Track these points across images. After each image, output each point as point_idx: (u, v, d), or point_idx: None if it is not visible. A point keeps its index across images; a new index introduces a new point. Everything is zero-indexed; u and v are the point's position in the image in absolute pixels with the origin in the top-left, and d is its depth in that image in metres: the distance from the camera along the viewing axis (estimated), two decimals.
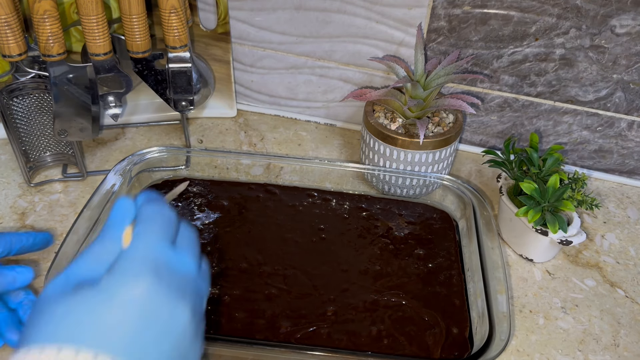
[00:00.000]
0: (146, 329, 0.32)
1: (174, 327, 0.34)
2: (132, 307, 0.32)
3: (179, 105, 0.68)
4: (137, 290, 0.33)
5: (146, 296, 0.33)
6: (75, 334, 0.31)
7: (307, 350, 0.48)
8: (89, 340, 0.30)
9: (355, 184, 0.69)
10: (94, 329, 0.31)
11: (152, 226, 0.36)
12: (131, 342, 0.32)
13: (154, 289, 0.33)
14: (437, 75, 0.65)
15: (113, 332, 0.31)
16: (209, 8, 0.74)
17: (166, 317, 0.33)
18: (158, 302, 0.33)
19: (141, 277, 0.33)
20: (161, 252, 0.35)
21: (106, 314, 0.32)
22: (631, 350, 0.55)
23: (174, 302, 0.34)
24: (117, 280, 0.33)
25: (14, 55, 0.57)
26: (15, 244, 0.52)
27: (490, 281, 0.54)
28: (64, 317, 0.31)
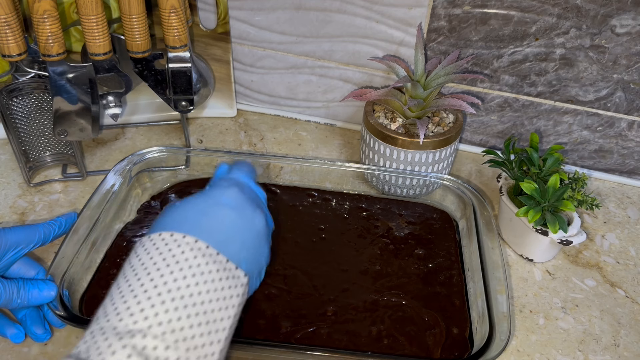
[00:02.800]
0: (235, 222, 0.44)
1: (254, 226, 0.46)
2: (225, 204, 0.45)
3: (178, 105, 0.68)
4: (229, 192, 0.46)
5: (234, 199, 0.46)
6: (183, 223, 0.43)
7: (307, 350, 0.48)
8: (193, 229, 0.42)
9: (355, 184, 0.69)
10: (198, 220, 0.43)
11: (240, 167, 0.52)
12: (224, 230, 0.43)
13: (240, 196, 0.46)
14: (437, 75, 0.65)
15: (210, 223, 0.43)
16: (209, 8, 0.74)
17: (249, 217, 0.46)
18: (243, 205, 0.46)
19: (231, 188, 0.47)
20: (244, 179, 0.50)
21: (205, 209, 0.44)
22: (631, 350, 0.55)
23: (254, 208, 0.47)
24: (214, 189, 0.47)
25: (13, 55, 0.57)
26: (49, 234, 0.55)
27: (491, 281, 0.54)
28: (178, 213, 0.44)
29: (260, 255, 0.47)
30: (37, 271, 0.53)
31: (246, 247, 0.45)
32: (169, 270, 0.39)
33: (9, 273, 0.53)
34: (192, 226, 0.42)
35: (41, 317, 0.52)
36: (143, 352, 0.35)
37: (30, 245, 0.53)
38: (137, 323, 0.36)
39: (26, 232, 0.53)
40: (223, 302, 0.40)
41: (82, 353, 0.35)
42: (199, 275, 0.40)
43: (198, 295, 0.39)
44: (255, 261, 0.46)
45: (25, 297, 0.48)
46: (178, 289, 0.38)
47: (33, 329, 0.51)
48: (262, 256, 0.48)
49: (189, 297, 0.38)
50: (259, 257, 0.47)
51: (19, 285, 0.48)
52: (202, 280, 0.40)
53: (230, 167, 0.52)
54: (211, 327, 0.39)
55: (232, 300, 0.41)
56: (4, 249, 0.50)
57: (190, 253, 0.41)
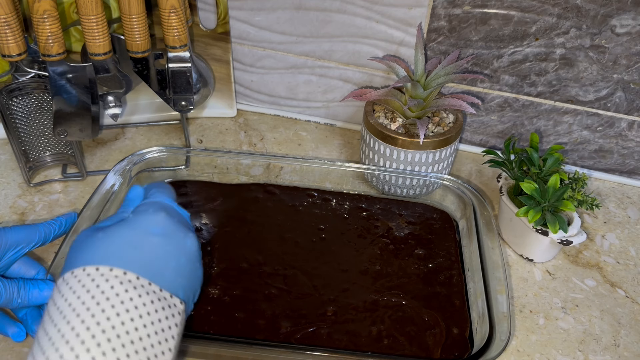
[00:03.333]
0: (166, 249, 0.42)
1: (186, 250, 0.44)
2: (154, 232, 0.43)
3: (178, 105, 0.68)
4: (157, 219, 0.44)
5: (164, 224, 0.44)
6: (109, 255, 0.40)
7: (307, 350, 0.48)
8: (120, 260, 0.39)
9: (355, 184, 0.69)
10: (125, 252, 0.40)
11: (159, 189, 0.49)
12: (155, 259, 0.41)
13: (169, 220, 0.44)
14: (437, 75, 0.65)
15: (139, 253, 0.41)
16: (208, 8, 0.74)
17: (181, 241, 0.44)
18: (173, 229, 0.44)
19: (158, 212, 0.45)
20: (168, 202, 0.47)
21: (133, 238, 0.42)
22: (631, 351, 0.55)
23: (185, 232, 0.45)
24: (140, 216, 0.44)
25: (13, 55, 0.57)
26: (49, 234, 0.55)
27: (491, 281, 0.54)
28: (103, 245, 0.41)
29: (195, 278, 0.45)
30: (37, 271, 0.53)
31: (181, 273, 0.43)
32: (99, 308, 0.36)
33: (9, 272, 0.53)
34: (119, 258, 0.40)
35: (42, 315, 0.52)
36: None
37: (30, 244, 0.53)
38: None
39: (26, 232, 0.53)
40: (162, 335, 0.38)
41: None
42: (133, 309, 0.37)
43: (135, 332, 0.37)
44: (191, 285, 0.45)
45: (25, 296, 0.48)
46: (113, 327, 0.36)
47: (34, 328, 0.51)
48: (197, 278, 0.46)
49: (126, 334, 0.36)
50: (194, 280, 0.45)
51: (19, 285, 0.48)
52: (136, 314, 0.37)
53: (146, 189, 0.50)
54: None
55: (171, 331, 0.39)
56: (4, 248, 0.50)
57: (120, 287, 0.38)
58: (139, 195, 0.50)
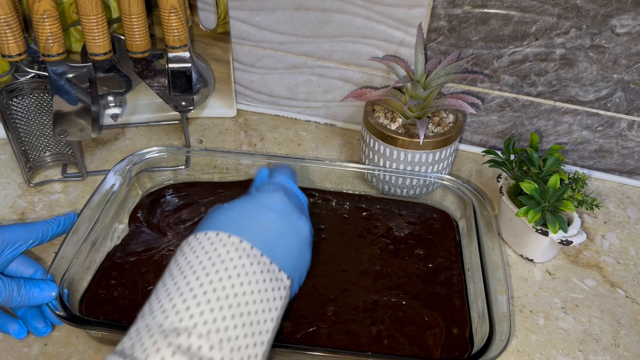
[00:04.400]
0: (280, 226, 0.45)
1: (298, 232, 0.47)
2: (272, 208, 0.46)
3: (178, 105, 0.68)
4: (276, 197, 0.47)
5: (281, 203, 0.47)
6: (229, 223, 0.43)
7: (307, 350, 0.48)
8: (238, 229, 0.43)
9: (355, 184, 0.69)
10: (244, 222, 0.44)
11: (283, 171, 0.52)
12: (269, 233, 0.44)
13: (286, 201, 0.47)
14: (437, 75, 0.65)
15: (256, 225, 0.44)
16: (209, 8, 0.74)
17: (294, 222, 0.46)
18: (289, 210, 0.47)
19: (277, 192, 0.47)
20: (289, 184, 0.51)
21: (252, 211, 0.45)
22: (631, 351, 0.55)
23: (299, 214, 0.47)
24: (260, 192, 0.48)
25: (13, 55, 0.57)
26: (47, 232, 0.55)
27: (491, 281, 0.54)
28: (224, 214, 0.45)
29: (302, 260, 0.48)
30: (35, 270, 0.53)
31: (290, 252, 0.45)
32: (214, 269, 0.40)
33: (7, 271, 0.53)
34: (237, 227, 0.43)
35: (41, 312, 0.52)
36: (188, 351, 0.35)
37: (28, 242, 0.53)
38: (182, 321, 0.36)
39: (24, 230, 0.53)
40: (267, 304, 0.41)
41: (126, 349, 0.36)
42: (243, 275, 0.40)
43: (242, 296, 0.39)
44: (298, 266, 0.47)
45: (25, 296, 0.48)
46: (223, 288, 0.39)
47: (34, 324, 0.51)
48: (304, 261, 0.48)
49: (234, 297, 0.39)
50: (302, 262, 0.47)
51: (19, 284, 0.48)
52: (246, 280, 0.40)
53: (271, 171, 0.53)
54: (255, 328, 0.39)
55: (275, 303, 0.42)
56: (2, 245, 0.50)
57: (235, 253, 0.41)
58: (265, 175, 0.53)
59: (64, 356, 0.51)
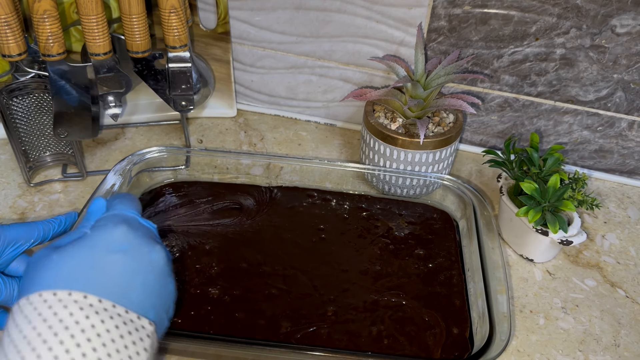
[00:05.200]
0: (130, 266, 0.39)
1: (153, 265, 0.40)
2: (115, 248, 0.39)
3: (178, 105, 0.68)
4: (117, 233, 0.40)
5: (126, 238, 0.40)
6: (66, 278, 0.36)
7: (307, 350, 0.48)
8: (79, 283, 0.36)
9: (355, 184, 0.69)
10: (83, 272, 0.37)
11: (122, 200, 0.45)
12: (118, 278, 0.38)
13: (132, 234, 0.41)
14: (437, 75, 0.65)
15: (101, 273, 0.37)
16: (209, 8, 0.74)
17: (145, 256, 0.40)
18: (137, 245, 0.40)
19: (118, 226, 0.41)
20: (131, 214, 0.43)
21: (92, 257, 0.38)
22: (632, 351, 0.55)
23: (150, 245, 0.41)
24: (99, 231, 0.40)
25: (13, 55, 0.57)
26: (48, 232, 0.54)
27: (491, 281, 0.54)
28: (59, 266, 0.37)
29: (165, 294, 0.42)
30: None
31: (148, 291, 0.39)
32: (57, 340, 0.33)
33: (7, 271, 0.53)
34: (77, 280, 0.36)
35: None
36: None
37: (29, 241, 0.52)
38: None
39: (25, 229, 0.52)
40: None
41: None
42: (95, 338, 0.34)
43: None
44: (161, 303, 0.41)
45: None
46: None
47: None
48: (167, 294, 0.43)
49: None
50: (165, 296, 0.42)
51: (20, 284, 0.48)
52: (99, 343, 0.34)
53: (108, 202, 0.46)
54: None
55: (140, 358, 0.36)
56: (3, 244, 0.50)
57: (80, 313, 0.35)
58: (101, 208, 0.45)
59: None
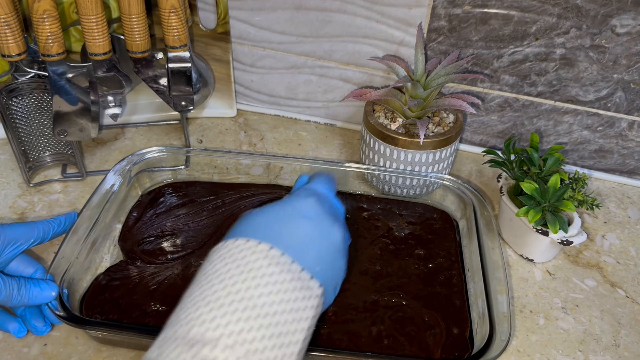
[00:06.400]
0: (311, 232, 0.44)
1: (331, 239, 0.45)
2: (303, 214, 0.45)
3: (178, 105, 0.68)
4: (306, 203, 0.46)
5: (312, 209, 0.45)
6: (259, 229, 0.43)
7: (307, 350, 0.48)
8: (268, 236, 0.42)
9: (356, 184, 0.69)
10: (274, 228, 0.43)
11: (320, 178, 0.51)
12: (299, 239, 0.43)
13: (318, 207, 0.46)
14: (437, 75, 0.65)
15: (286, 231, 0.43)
16: (208, 8, 0.74)
17: (326, 229, 0.45)
18: (320, 216, 0.45)
19: (309, 198, 0.46)
20: (323, 190, 0.49)
21: (283, 217, 0.44)
22: (632, 351, 0.55)
23: (332, 221, 0.46)
24: (292, 198, 0.47)
25: (13, 55, 0.57)
26: (48, 232, 0.54)
27: (491, 281, 0.54)
28: (254, 220, 0.44)
29: (335, 268, 0.46)
30: (35, 269, 0.53)
31: (322, 258, 0.44)
32: (242, 278, 0.39)
33: (7, 270, 0.53)
34: (267, 234, 0.42)
35: (40, 311, 0.52)
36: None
37: (29, 241, 0.53)
38: (207, 332, 0.36)
39: (25, 229, 0.53)
40: (296, 314, 0.40)
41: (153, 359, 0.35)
42: (271, 284, 0.39)
43: (270, 306, 0.38)
44: (331, 274, 0.45)
45: (25, 295, 0.48)
46: (250, 298, 0.38)
47: (33, 323, 0.51)
48: (337, 270, 0.46)
49: (261, 307, 0.38)
50: (335, 270, 0.46)
51: (19, 283, 0.48)
52: (275, 289, 0.39)
53: (310, 178, 0.52)
54: (283, 339, 0.38)
55: (306, 312, 0.40)
56: (3, 244, 0.50)
57: (264, 261, 0.40)
58: (303, 182, 0.52)
59: (64, 356, 0.51)
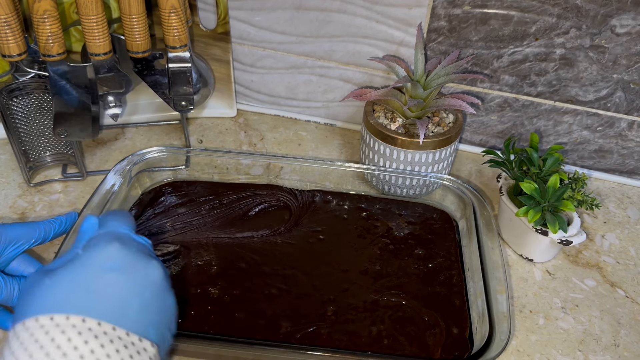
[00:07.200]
0: (126, 285, 0.37)
1: (150, 281, 0.39)
2: (109, 268, 0.37)
3: (178, 105, 0.68)
4: (109, 254, 0.38)
5: (119, 258, 0.38)
6: (62, 301, 0.34)
7: (307, 350, 0.48)
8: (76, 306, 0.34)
9: (355, 184, 0.69)
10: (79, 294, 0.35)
11: (114, 217, 0.43)
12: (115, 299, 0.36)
13: (125, 250, 0.39)
14: (437, 75, 0.65)
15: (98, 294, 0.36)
16: (209, 8, 0.74)
17: (141, 273, 0.38)
18: (131, 261, 0.38)
19: (111, 243, 0.39)
20: (122, 230, 0.42)
21: (87, 282, 0.36)
22: (631, 351, 0.55)
23: (145, 260, 0.39)
24: (91, 251, 0.38)
25: (13, 55, 0.57)
26: (49, 232, 0.54)
27: (491, 281, 0.54)
28: (52, 289, 0.35)
29: (166, 310, 0.40)
30: (36, 268, 0.53)
31: (148, 308, 0.38)
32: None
33: (8, 270, 0.53)
34: (74, 303, 0.34)
35: None
36: None
37: (30, 241, 0.53)
38: None
39: (26, 229, 0.53)
40: None
41: None
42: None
43: None
44: (163, 320, 0.39)
45: None
46: None
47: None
48: (168, 310, 0.40)
49: None
50: (165, 312, 0.40)
51: (20, 283, 0.48)
52: None
53: (100, 219, 0.44)
54: None
55: None
56: (4, 243, 0.50)
57: (79, 338, 0.33)
58: (93, 226, 0.43)
59: None
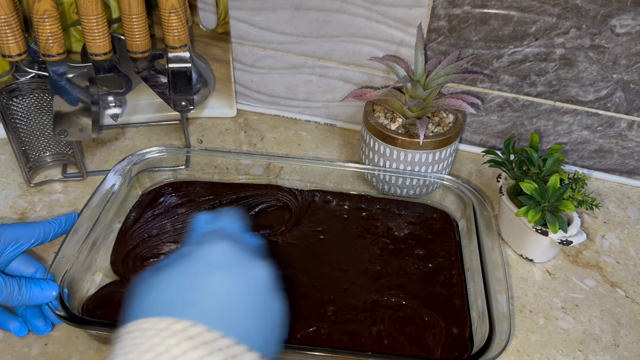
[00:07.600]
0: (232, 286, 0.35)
1: (257, 282, 0.37)
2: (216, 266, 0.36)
3: (178, 105, 0.68)
4: (216, 252, 0.37)
5: (226, 256, 0.37)
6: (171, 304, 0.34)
7: (307, 350, 0.48)
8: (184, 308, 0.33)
9: (355, 184, 0.69)
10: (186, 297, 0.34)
11: (224, 214, 0.43)
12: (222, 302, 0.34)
13: (232, 250, 0.37)
14: (437, 75, 0.65)
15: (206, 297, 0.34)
16: (209, 8, 0.74)
17: (248, 273, 0.37)
18: (238, 260, 0.37)
19: (217, 243, 0.38)
20: (233, 228, 0.42)
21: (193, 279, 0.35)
22: (631, 351, 0.55)
23: (253, 259, 0.38)
24: (200, 247, 0.37)
25: (13, 55, 0.57)
26: (49, 232, 0.54)
27: (491, 281, 0.54)
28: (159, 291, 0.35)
29: (270, 313, 0.38)
30: (36, 269, 0.53)
31: (254, 312, 0.36)
32: None
33: (7, 270, 0.53)
34: (181, 305, 0.34)
35: (41, 310, 0.52)
36: None
37: (30, 242, 0.53)
38: None
39: (26, 229, 0.53)
40: None
41: None
42: None
43: None
44: (267, 323, 0.37)
45: (26, 295, 0.48)
46: None
47: (34, 322, 0.51)
48: (273, 314, 0.38)
49: None
50: (270, 316, 0.38)
51: (20, 283, 0.48)
52: None
53: (211, 217, 0.43)
54: None
55: None
56: (4, 244, 0.50)
57: (187, 344, 0.31)
58: (203, 224, 0.43)
59: (64, 356, 0.51)
